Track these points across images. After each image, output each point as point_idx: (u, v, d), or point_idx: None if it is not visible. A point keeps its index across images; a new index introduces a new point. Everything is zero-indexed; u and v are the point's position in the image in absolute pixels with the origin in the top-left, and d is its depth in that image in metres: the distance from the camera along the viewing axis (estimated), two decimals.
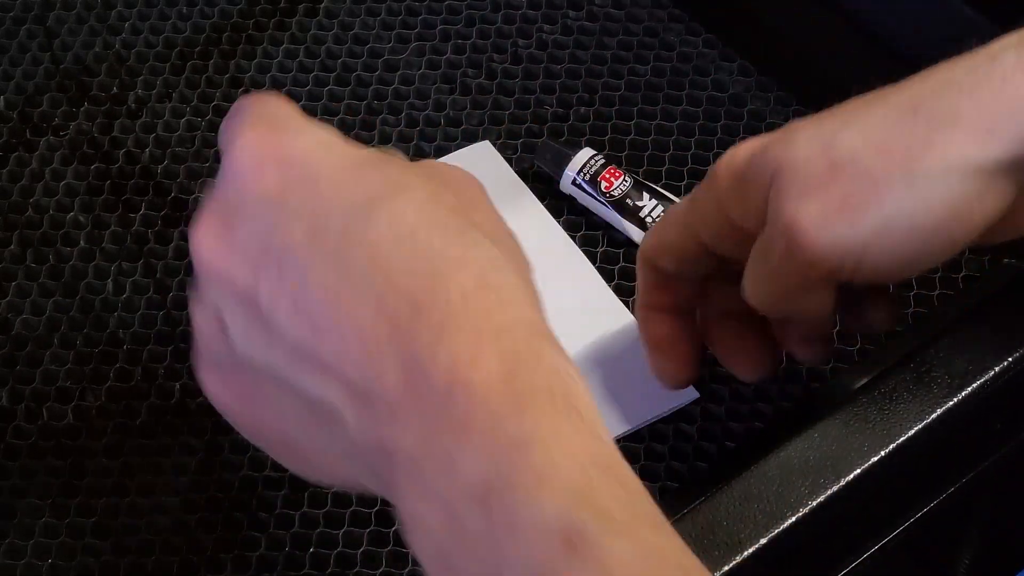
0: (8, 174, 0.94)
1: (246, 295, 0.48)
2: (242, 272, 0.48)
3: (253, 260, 0.48)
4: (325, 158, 0.49)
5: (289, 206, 0.48)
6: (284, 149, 0.49)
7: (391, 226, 0.47)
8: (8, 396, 0.84)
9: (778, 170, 0.61)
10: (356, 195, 0.47)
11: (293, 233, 0.47)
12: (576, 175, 0.90)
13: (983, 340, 0.82)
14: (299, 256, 0.47)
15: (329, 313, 0.46)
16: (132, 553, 0.78)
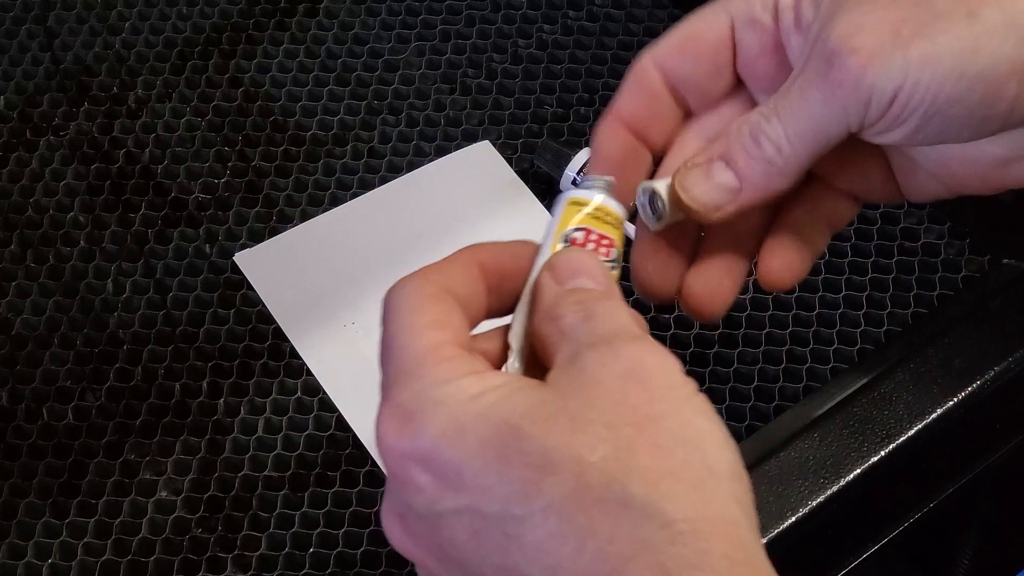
0: (8, 174, 0.94)
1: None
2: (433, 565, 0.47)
3: (437, 556, 0.47)
4: (460, 448, 0.45)
5: (446, 510, 0.45)
6: (418, 447, 0.46)
7: (544, 526, 0.43)
8: (8, 396, 0.84)
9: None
10: (503, 496, 0.44)
11: (459, 538, 0.45)
12: (576, 175, 0.90)
13: (983, 340, 0.82)
14: (473, 562, 0.45)
15: None
16: (132, 553, 0.78)
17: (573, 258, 0.51)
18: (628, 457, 0.44)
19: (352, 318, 0.87)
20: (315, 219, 0.91)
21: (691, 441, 0.44)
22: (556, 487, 0.43)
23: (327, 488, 0.80)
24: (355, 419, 0.83)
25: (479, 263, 0.52)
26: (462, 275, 0.51)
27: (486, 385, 0.46)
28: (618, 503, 0.43)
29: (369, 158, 0.94)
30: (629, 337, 0.47)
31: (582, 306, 0.48)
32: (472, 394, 0.46)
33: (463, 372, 0.47)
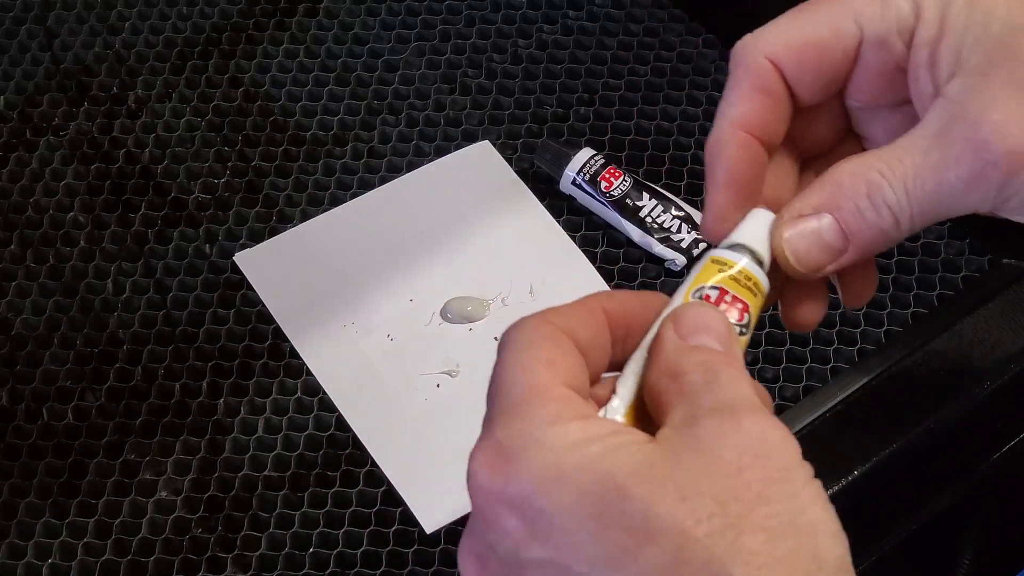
0: (8, 174, 0.94)
1: None
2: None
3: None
4: (556, 498, 0.42)
5: (529, 560, 0.43)
6: (512, 489, 0.43)
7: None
8: (8, 396, 0.84)
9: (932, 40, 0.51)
10: (594, 556, 0.41)
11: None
12: (576, 175, 0.90)
13: (983, 340, 0.82)
14: None
15: None
16: (132, 553, 0.78)
17: (700, 313, 0.48)
18: (734, 537, 0.41)
19: (352, 318, 0.87)
20: (315, 219, 0.91)
21: (803, 528, 0.42)
22: (653, 557, 0.41)
23: (327, 488, 0.80)
24: (355, 419, 0.83)
25: (606, 310, 0.48)
26: (586, 320, 0.48)
27: (592, 433, 0.43)
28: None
29: (369, 158, 0.94)
30: (752, 408, 0.44)
31: (705, 367, 0.45)
32: (575, 440, 0.43)
33: (570, 416, 0.44)
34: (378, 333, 0.86)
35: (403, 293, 0.88)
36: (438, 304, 0.87)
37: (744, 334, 0.49)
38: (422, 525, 0.79)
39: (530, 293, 0.88)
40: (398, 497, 0.80)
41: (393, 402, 0.84)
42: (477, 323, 0.87)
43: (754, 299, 0.50)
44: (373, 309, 0.87)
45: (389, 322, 0.87)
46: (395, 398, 0.84)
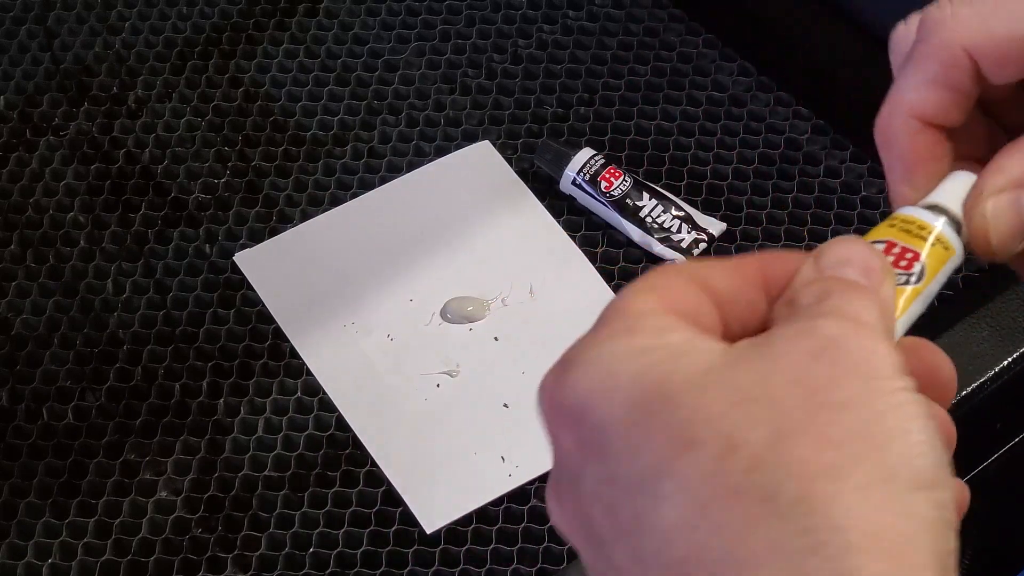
0: (8, 174, 0.94)
1: (593, 568, 0.41)
2: (581, 546, 0.41)
3: (583, 536, 0.41)
4: (604, 410, 0.39)
5: (587, 478, 0.40)
6: (567, 402, 0.40)
7: (674, 512, 0.37)
8: (8, 396, 0.84)
9: None
10: (638, 469, 0.38)
11: (596, 512, 0.39)
12: (576, 175, 0.90)
13: (983, 340, 0.82)
14: (608, 542, 0.39)
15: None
16: (132, 553, 0.78)
17: (845, 247, 0.43)
18: (786, 445, 0.37)
19: (352, 318, 0.87)
20: (315, 219, 0.91)
21: (873, 437, 0.37)
22: (692, 466, 0.37)
23: (327, 488, 0.80)
24: (355, 419, 0.83)
25: (764, 268, 0.43)
26: (726, 270, 0.43)
27: (660, 342, 0.39)
28: (759, 497, 0.36)
29: (369, 158, 0.94)
30: (846, 318, 0.39)
31: (822, 288, 0.41)
32: (638, 348, 0.39)
33: (642, 327, 0.40)
34: (378, 333, 0.86)
35: (403, 293, 0.88)
36: (438, 304, 0.87)
37: (909, 284, 0.45)
38: (422, 525, 0.79)
39: (530, 293, 0.88)
40: (398, 497, 0.80)
41: (393, 402, 0.84)
42: (477, 323, 0.87)
43: (924, 245, 0.46)
44: (373, 309, 0.87)
45: (389, 322, 0.87)
46: (395, 398, 0.84)
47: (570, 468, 0.40)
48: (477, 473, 0.81)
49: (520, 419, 0.83)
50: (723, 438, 0.37)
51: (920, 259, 0.45)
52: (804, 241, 0.90)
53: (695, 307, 0.41)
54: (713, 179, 0.92)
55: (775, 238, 0.90)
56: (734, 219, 0.91)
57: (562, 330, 0.86)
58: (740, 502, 0.36)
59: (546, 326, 0.86)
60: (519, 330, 0.86)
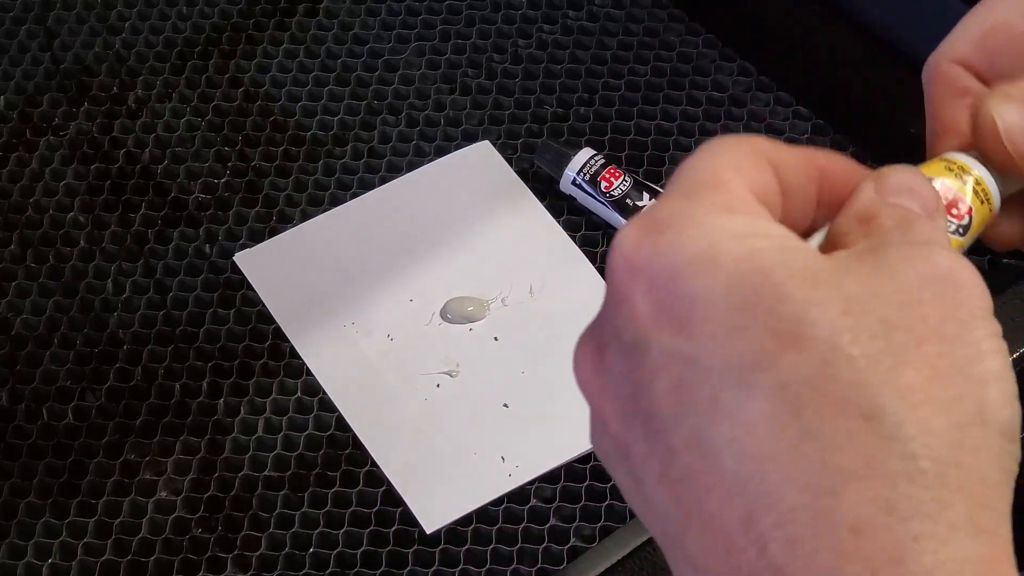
0: (8, 174, 0.94)
1: (618, 441, 0.40)
2: (613, 417, 0.39)
3: (622, 407, 0.39)
4: (700, 283, 0.37)
5: (656, 347, 0.37)
6: (656, 263, 0.37)
7: (763, 406, 0.36)
8: (8, 396, 0.84)
9: None
10: (731, 354, 0.36)
11: (658, 386, 0.37)
12: (576, 175, 0.90)
13: None
14: (664, 419, 0.37)
15: (694, 503, 0.37)
16: (132, 553, 0.78)
17: (907, 176, 0.42)
18: (893, 365, 0.36)
19: (352, 318, 0.87)
20: (315, 219, 0.91)
21: (974, 378, 0.37)
22: (796, 367, 0.36)
23: (327, 488, 0.80)
24: (355, 419, 0.83)
25: (822, 167, 0.42)
26: (795, 160, 0.42)
27: (762, 229, 0.38)
28: (861, 412, 0.35)
29: (369, 158, 0.94)
30: (948, 249, 0.39)
31: (902, 215, 0.40)
32: (741, 231, 0.38)
33: (743, 209, 0.39)
34: (378, 333, 0.86)
35: (403, 293, 0.88)
36: (438, 304, 0.87)
37: (957, 235, 0.44)
38: (422, 525, 0.79)
39: (530, 293, 0.88)
40: (398, 497, 0.80)
41: (393, 402, 0.84)
42: (477, 323, 0.87)
43: (980, 206, 0.45)
44: (373, 309, 0.87)
45: (389, 322, 0.87)
46: (395, 398, 0.84)
47: (635, 333, 0.38)
48: (477, 473, 0.81)
49: (520, 419, 0.83)
50: (831, 344, 0.36)
51: (972, 214, 0.44)
52: None
53: (770, 193, 0.41)
54: None
55: None
56: None
57: (562, 330, 0.86)
58: (841, 412, 0.35)
59: (546, 326, 0.86)
60: (519, 330, 0.86)
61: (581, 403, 0.81)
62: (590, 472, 0.81)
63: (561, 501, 0.80)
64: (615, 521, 0.79)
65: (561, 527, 0.79)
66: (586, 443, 0.88)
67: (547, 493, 0.80)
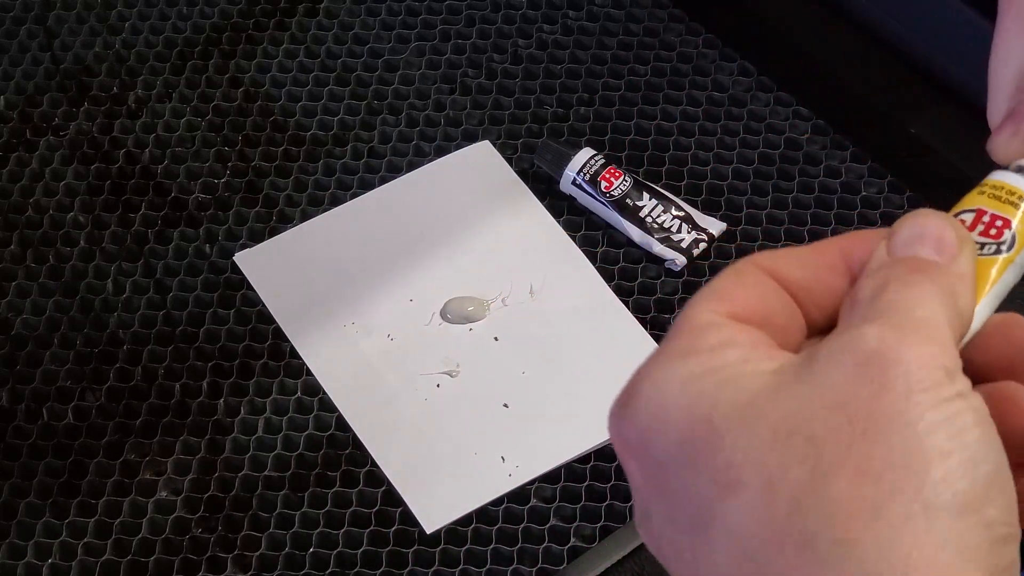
0: (8, 174, 0.94)
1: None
2: (656, 550, 0.40)
3: (655, 546, 0.40)
4: (660, 445, 0.38)
5: (654, 514, 0.38)
6: (630, 431, 0.38)
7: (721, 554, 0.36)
8: (8, 396, 0.84)
9: None
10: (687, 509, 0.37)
11: (666, 551, 0.38)
12: (576, 175, 0.90)
13: None
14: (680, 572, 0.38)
15: None
16: (132, 553, 0.78)
17: (917, 221, 0.40)
18: (823, 484, 0.35)
19: (352, 318, 0.87)
20: (315, 219, 0.91)
21: (911, 465, 0.34)
22: (736, 512, 0.36)
23: (327, 488, 0.80)
24: (355, 419, 0.83)
25: (843, 250, 0.41)
26: (804, 258, 0.40)
27: (712, 364, 0.38)
28: (798, 543, 0.35)
29: (369, 158, 0.94)
30: (900, 320, 0.37)
31: (881, 279, 0.38)
32: (691, 375, 0.37)
33: (698, 347, 0.38)
34: (378, 333, 0.86)
35: (403, 293, 0.88)
36: (438, 304, 0.87)
37: (1000, 252, 0.42)
38: (422, 525, 0.79)
39: (530, 293, 0.88)
40: (398, 497, 0.80)
41: (393, 402, 0.84)
42: (477, 323, 0.87)
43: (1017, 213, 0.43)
44: (373, 309, 0.87)
45: (389, 322, 0.87)
46: (395, 398, 0.84)
47: (641, 501, 0.39)
48: (477, 473, 0.81)
49: (520, 419, 0.83)
50: (763, 479, 0.35)
51: (1011, 226, 0.43)
52: (804, 241, 0.90)
53: (766, 307, 0.39)
54: (713, 179, 0.92)
55: (775, 238, 0.90)
56: (734, 219, 0.91)
57: (562, 330, 0.86)
58: (782, 549, 0.35)
59: (546, 326, 0.86)
60: (519, 330, 0.86)
61: (581, 403, 0.81)
62: (590, 472, 0.81)
63: (561, 501, 0.80)
64: (615, 521, 0.79)
65: (561, 527, 0.79)
66: (586, 443, 0.88)
67: (547, 493, 0.80)
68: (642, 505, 0.39)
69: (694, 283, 0.88)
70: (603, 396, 0.90)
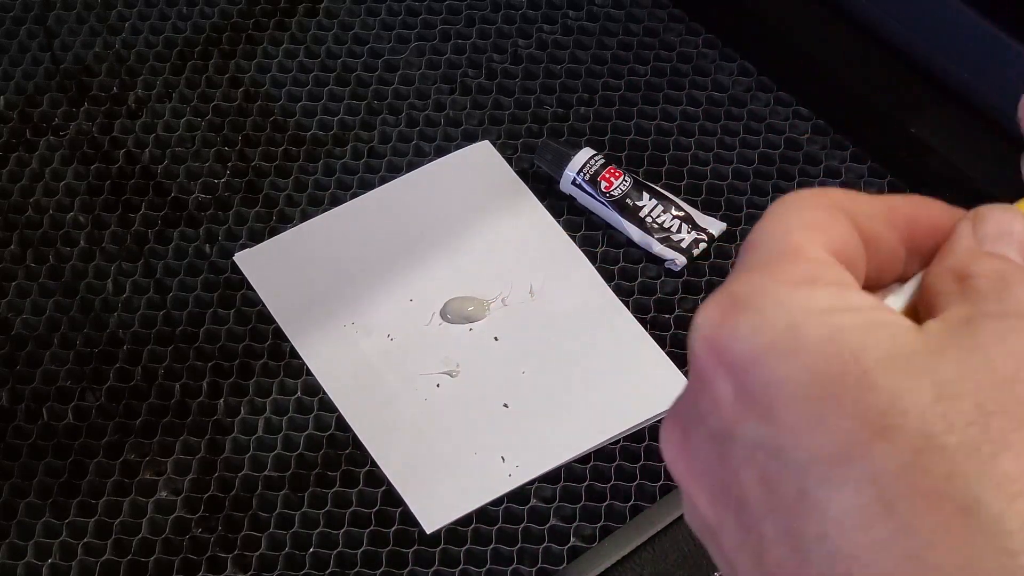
0: (8, 174, 0.94)
1: (708, 525, 0.39)
2: (702, 501, 0.39)
3: (711, 492, 0.38)
4: (783, 370, 0.36)
5: (741, 437, 0.37)
6: (736, 348, 0.36)
7: (853, 501, 0.35)
8: (8, 396, 0.84)
9: None
10: (816, 446, 0.35)
11: (746, 476, 0.37)
12: (576, 175, 0.90)
13: None
14: (755, 511, 0.36)
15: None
16: (132, 553, 0.78)
17: (1005, 218, 0.40)
18: (991, 453, 0.34)
19: (352, 318, 0.87)
20: (315, 219, 0.91)
21: None
22: (884, 458, 0.34)
23: (327, 488, 0.80)
24: (355, 419, 0.83)
25: (907, 215, 0.41)
26: (875, 209, 0.40)
27: (846, 303, 0.37)
28: (957, 506, 0.34)
29: (369, 158, 0.94)
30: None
31: (999, 275, 0.38)
32: (824, 307, 0.36)
33: (825, 279, 0.37)
34: (378, 333, 0.86)
35: (403, 293, 0.88)
36: (438, 304, 0.87)
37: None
38: (422, 525, 0.79)
39: (530, 293, 0.88)
40: (398, 497, 0.80)
41: (393, 402, 0.84)
42: (477, 323, 0.87)
43: None
44: (373, 309, 0.87)
45: (389, 322, 0.87)
46: (395, 398, 0.84)
47: (719, 420, 0.37)
48: (477, 473, 0.81)
49: (520, 419, 0.83)
50: (923, 434, 0.34)
51: None
52: None
53: (852, 252, 0.39)
54: (713, 179, 0.92)
55: None
56: (734, 219, 0.91)
57: (562, 330, 0.86)
58: (936, 506, 0.34)
59: (546, 326, 0.86)
60: (519, 330, 0.86)
61: (581, 403, 0.81)
62: (590, 472, 0.81)
63: (561, 501, 0.80)
64: (615, 521, 0.79)
65: (561, 527, 0.79)
66: (586, 443, 0.87)
67: (547, 493, 0.80)
68: (719, 423, 0.37)
69: (694, 283, 0.88)
70: (603, 396, 0.90)
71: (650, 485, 0.80)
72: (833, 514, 0.34)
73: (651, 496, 0.79)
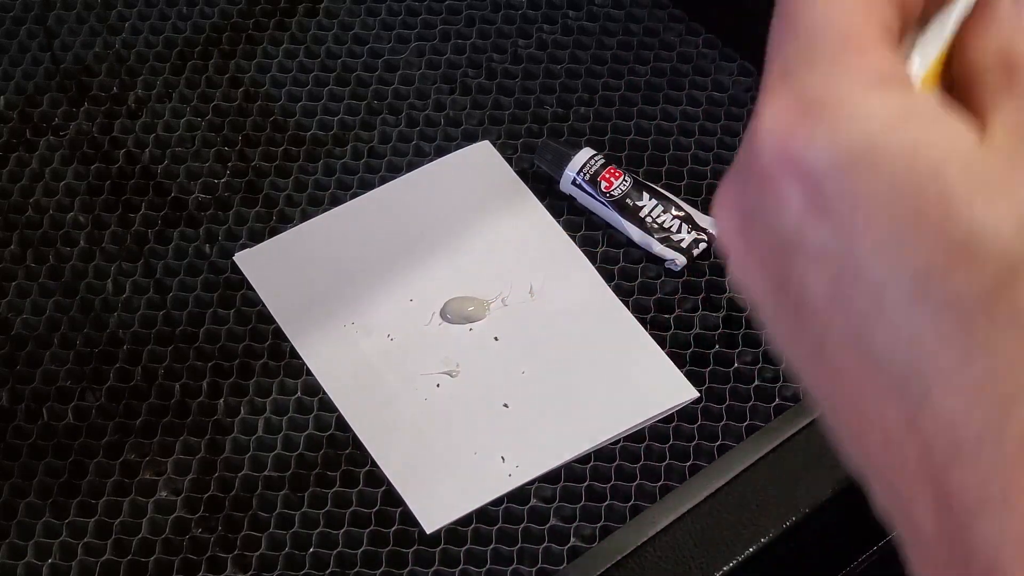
0: (8, 174, 0.94)
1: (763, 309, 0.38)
2: (757, 288, 0.38)
3: (768, 282, 0.38)
4: (863, 185, 0.35)
5: (812, 241, 0.36)
6: (810, 157, 0.35)
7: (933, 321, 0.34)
8: (8, 396, 0.84)
9: None
10: (896, 265, 0.35)
11: (812, 279, 0.36)
12: (576, 175, 0.90)
13: None
14: (817, 311, 0.36)
15: (846, 394, 0.36)
16: (132, 553, 0.78)
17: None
18: None
19: (352, 318, 0.87)
20: (315, 219, 0.91)
21: None
22: (968, 283, 0.34)
23: (327, 488, 0.80)
24: (355, 419, 0.83)
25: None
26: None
27: (917, 109, 0.35)
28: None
29: (369, 158, 0.94)
30: None
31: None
32: (899, 114, 0.35)
33: (894, 77, 0.35)
34: (378, 333, 0.86)
35: (403, 293, 0.88)
36: (438, 304, 0.87)
37: None
38: (422, 525, 0.79)
39: (530, 293, 0.88)
40: (398, 497, 0.80)
41: (393, 402, 0.84)
42: (477, 323, 0.87)
43: None
44: (373, 309, 0.87)
45: (389, 322, 0.87)
46: (395, 398, 0.84)
47: (785, 223, 0.36)
48: (477, 473, 0.81)
49: (520, 419, 0.83)
50: (1007, 264, 0.34)
51: None
52: None
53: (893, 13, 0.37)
54: (713, 179, 0.92)
55: None
56: None
57: (562, 330, 0.86)
58: (1016, 331, 0.33)
59: (546, 326, 0.86)
60: (519, 330, 0.86)
61: (581, 403, 0.81)
62: (590, 472, 0.81)
63: (561, 501, 0.80)
64: (615, 521, 0.79)
65: (561, 527, 0.79)
66: (586, 443, 0.87)
67: (547, 493, 0.80)
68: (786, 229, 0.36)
69: (694, 283, 0.88)
70: (603, 396, 0.90)
71: (650, 485, 0.80)
72: (908, 330, 0.34)
73: (651, 496, 0.79)
